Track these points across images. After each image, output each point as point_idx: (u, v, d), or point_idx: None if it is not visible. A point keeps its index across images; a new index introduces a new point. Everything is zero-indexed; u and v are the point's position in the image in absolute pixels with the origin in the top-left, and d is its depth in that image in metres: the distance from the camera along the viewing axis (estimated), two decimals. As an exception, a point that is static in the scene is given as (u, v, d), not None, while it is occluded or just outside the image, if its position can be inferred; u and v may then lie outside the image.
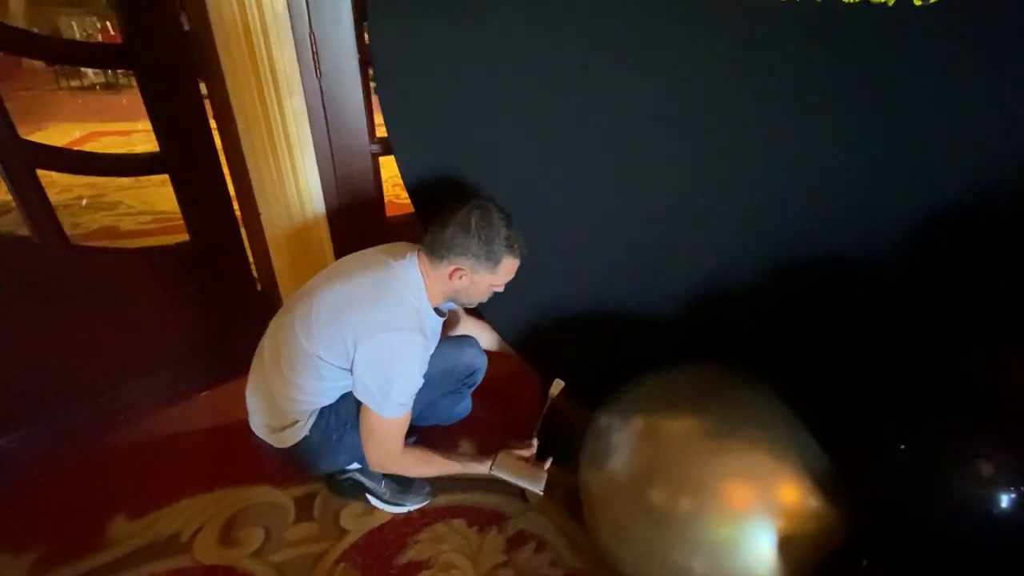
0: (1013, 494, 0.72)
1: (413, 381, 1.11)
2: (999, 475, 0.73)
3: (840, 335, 1.17)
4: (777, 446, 0.93)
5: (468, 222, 1.07)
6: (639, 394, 1.10)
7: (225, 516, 1.29)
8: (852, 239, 1.12)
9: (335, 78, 1.45)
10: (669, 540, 0.92)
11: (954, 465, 0.75)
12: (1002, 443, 0.75)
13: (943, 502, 0.75)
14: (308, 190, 1.50)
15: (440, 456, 1.24)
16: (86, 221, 3.02)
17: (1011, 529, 0.72)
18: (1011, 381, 0.88)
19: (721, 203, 1.14)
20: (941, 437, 0.78)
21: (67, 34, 6.77)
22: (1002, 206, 1.03)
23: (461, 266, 1.10)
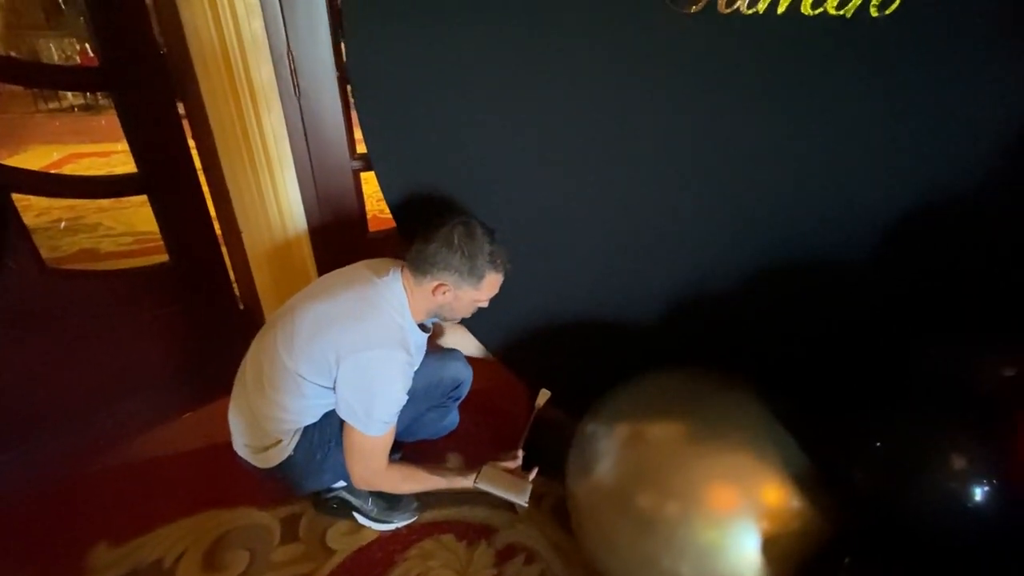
0: (986, 487, 0.74)
1: (396, 399, 1.10)
2: (972, 469, 0.74)
3: (818, 337, 1.20)
4: (759, 448, 0.94)
5: (452, 238, 1.08)
6: (622, 401, 1.11)
7: (209, 539, 1.26)
8: (827, 244, 1.15)
9: (314, 96, 1.46)
10: (656, 546, 0.93)
11: (928, 460, 0.76)
12: (974, 437, 0.76)
13: (919, 497, 0.76)
14: (289, 207, 1.50)
15: (425, 472, 1.23)
16: (65, 244, 2.98)
17: (985, 521, 0.74)
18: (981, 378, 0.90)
19: (700, 211, 1.16)
20: (915, 434, 0.80)
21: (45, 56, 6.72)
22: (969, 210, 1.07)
23: (445, 281, 1.10)
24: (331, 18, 1.41)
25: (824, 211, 1.12)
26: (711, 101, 1.05)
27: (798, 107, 1.03)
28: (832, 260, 1.15)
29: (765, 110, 1.04)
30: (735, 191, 1.13)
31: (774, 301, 1.21)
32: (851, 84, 0.99)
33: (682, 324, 1.27)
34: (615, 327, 1.32)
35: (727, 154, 1.09)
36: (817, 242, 1.15)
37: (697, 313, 1.26)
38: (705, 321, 1.26)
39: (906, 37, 0.93)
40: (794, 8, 0.93)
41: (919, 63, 0.96)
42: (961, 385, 0.88)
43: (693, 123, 1.08)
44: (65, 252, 2.87)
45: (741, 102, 1.04)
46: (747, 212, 1.14)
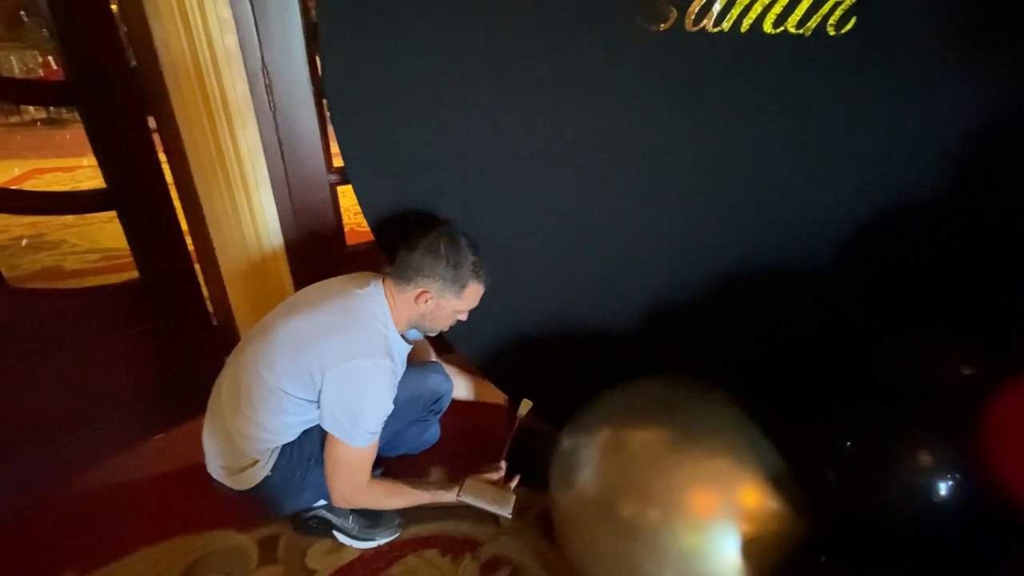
0: (950, 481, 0.77)
1: (383, 408, 1.09)
2: (937, 464, 0.78)
3: (789, 341, 1.23)
4: (737, 452, 0.96)
5: (437, 246, 1.09)
6: (602, 410, 1.12)
7: (183, 565, 1.22)
8: (794, 251, 1.19)
9: (289, 110, 1.45)
10: (639, 552, 0.93)
11: (895, 457, 0.79)
12: (937, 434, 0.80)
13: (887, 493, 0.79)
14: (264, 223, 1.48)
15: (407, 486, 1.22)
16: (26, 262, 2.88)
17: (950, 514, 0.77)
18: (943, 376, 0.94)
19: (672, 222, 1.19)
20: (882, 432, 0.83)
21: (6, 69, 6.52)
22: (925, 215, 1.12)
23: (428, 289, 1.10)
24: (306, 33, 1.42)
25: (789, 220, 1.16)
26: (680, 115, 1.08)
27: (763, 120, 1.07)
28: (799, 267, 1.19)
29: (732, 123, 1.08)
30: (706, 201, 1.16)
31: (747, 308, 1.25)
32: (812, 98, 1.04)
33: (658, 333, 1.30)
34: (594, 337, 1.34)
35: (697, 166, 1.13)
36: (784, 250, 1.19)
37: (672, 321, 1.28)
38: (680, 329, 1.29)
39: (861, 54, 0.99)
40: (757, 27, 0.98)
41: (873, 78, 1.01)
42: (924, 383, 0.92)
43: (664, 136, 1.11)
44: (26, 271, 2.78)
45: (709, 116, 1.08)
46: (718, 222, 1.18)
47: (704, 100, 1.06)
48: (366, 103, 1.15)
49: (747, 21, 0.98)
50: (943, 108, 1.03)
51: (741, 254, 1.21)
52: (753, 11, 0.97)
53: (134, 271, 1.53)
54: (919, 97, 1.02)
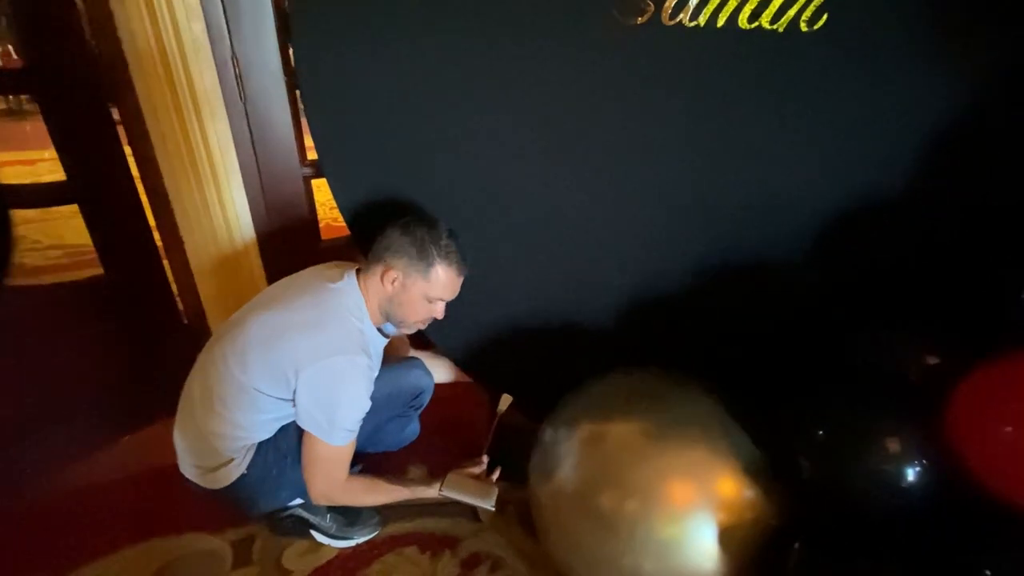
0: (917, 467, 0.79)
1: (360, 406, 1.07)
2: (904, 451, 0.80)
3: (763, 333, 1.25)
4: (713, 443, 0.97)
5: (408, 226, 1.08)
6: (581, 404, 1.12)
7: (153, 569, 1.19)
8: (768, 244, 1.21)
9: (261, 101, 1.41)
10: (619, 544, 0.94)
11: (864, 445, 0.81)
12: (904, 422, 0.82)
13: (857, 480, 0.81)
14: (236, 217, 1.45)
15: (387, 483, 1.20)
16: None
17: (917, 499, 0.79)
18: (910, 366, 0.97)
19: (648, 215, 1.20)
20: (851, 420, 0.85)
21: (-40, 58, 6.21)
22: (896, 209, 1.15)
23: (393, 266, 1.08)
24: (278, 21, 1.38)
25: (765, 214, 1.18)
26: (657, 110, 1.09)
27: (740, 115, 1.08)
28: (774, 260, 1.21)
29: (709, 118, 1.09)
30: (683, 196, 1.17)
31: (723, 301, 1.26)
32: (787, 93, 1.06)
33: (636, 326, 1.31)
34: (573, 331, 1.34)
35: (674, 161, 1.14)
36: (759, 244, 1.21)
37: (650, 315, 1.29)
38: (658, 322, 1.30)
39: (834, 50, 1.00)
40: (732, 22, 0.99)
41: (846, 73, 1.03)
42: (892, 373, 0.94)
43: (640, 131, 1.11)
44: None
45: (686, 111, 1.09)
46: (694, 216, 1.19)
47: (681, 95, 1.07)
48: (340, 94, 1.13)
49: (722, 16, 0.98)
50: (914, 103, 1.05)
51: (717, 248, 1.23)
52: (728, 6, 0.98)
53: (99, 268, 1.47)
54: (891, 92, 1.04)
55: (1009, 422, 0.76)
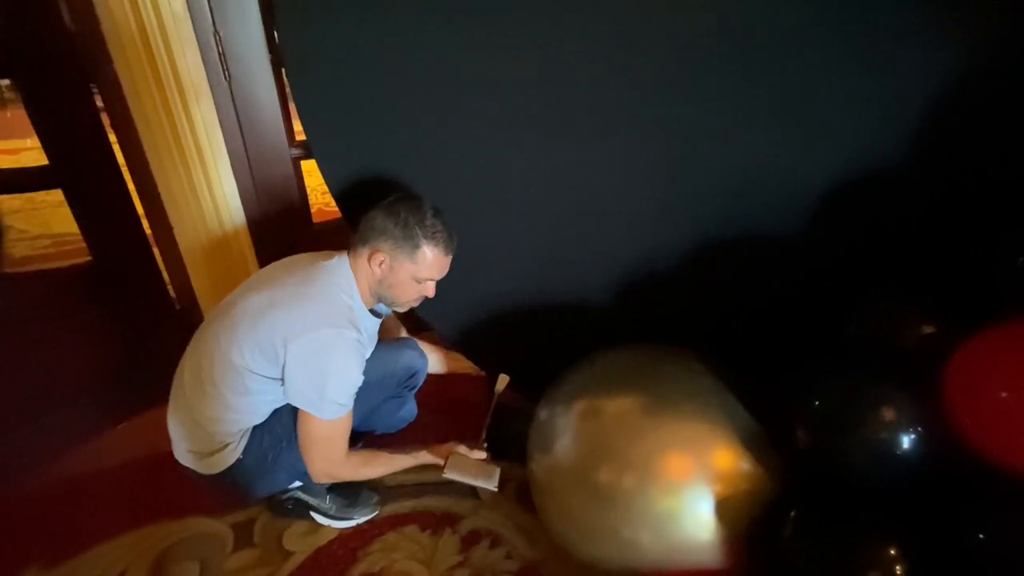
0: (913, 436, 0.79)
1: (350, 378, 1.05)
2: (901, 420, 0.80)
3: (759, 306, 1.25)
4: (709, 416, 0.97)
5: (393, 206, 1.07)
6: (577, 380, 1.12)
7: (153, 553, 1.19)
8: (764, 216, 1.19)
9: (246, 80, 1.38)
10: (616, 517, 0.94)
11: (861, 415, 0.81)
12: (901, 391, 0.82)
13: (854, 449, 0.82)
14: (225, 200, 1.42)
15: (387, 453, 1.21)
16: (-30, 250, 2.71)
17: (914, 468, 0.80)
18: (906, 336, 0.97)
19: (641, 189, 1.19)
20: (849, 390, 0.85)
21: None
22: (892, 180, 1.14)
23: (380, 248, 1.07)
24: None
25: (760, 185, 1.16)
26: (648, 79, 1.07)
27: (733, 83, 1.06)
28: (769, 231, 1.20)
29: (702, 87, 1.07)
30: (676, 169, 1.16)
31: (717, 275, 1.26)
32: (781, 60, 1.03)
33: (631, 302, 1.30)
34: (567, 308, 1.33)
35: (666, 133, 1.12)
36: (754, 215, 1.19)
37: (645, 290, 1.29)
38: (653, 298, 1.29)
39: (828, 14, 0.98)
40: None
41: (841, 39, 1.01)
42: (888, 343, 0.94)
43: (632, 102, 1.09)
44: (-29, 259, 2.62)
45: (677, 79, 1.06)
46: (687, 189, 1.17)
47: (673, 63, 1.05)
48: (327, 71, 1.10)
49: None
50: (910, 69, 1.03)
51: (712, 222, 1.21)
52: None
53: (87, 256, 1.45)
54: (886, 59, 1.02)
55: (1006, 388, 0.76)
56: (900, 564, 0.77)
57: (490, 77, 1.08)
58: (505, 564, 1.18)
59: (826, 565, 0.80)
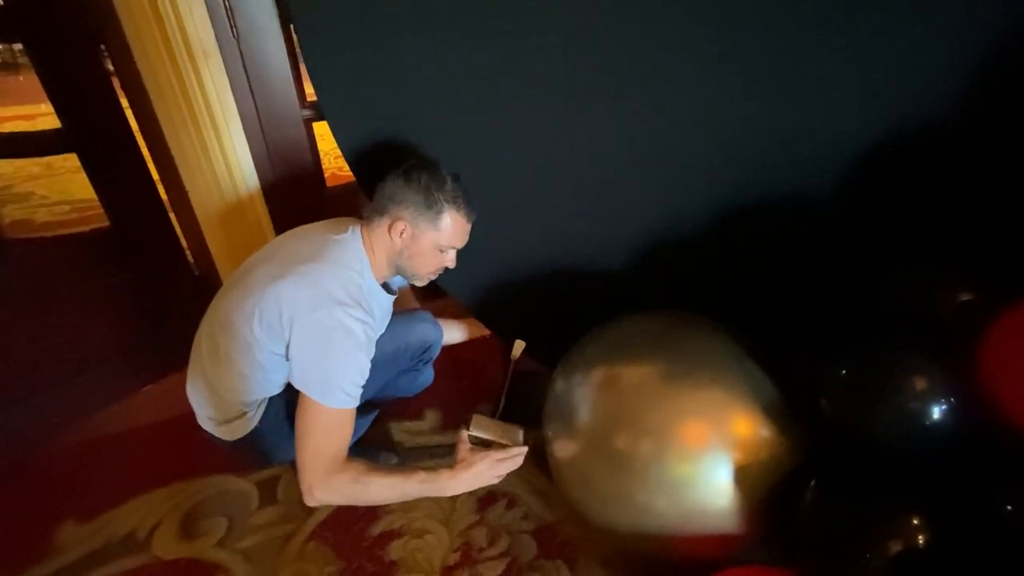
0: (944, 406, 0.77)
1: (357, 365, 0.98)
2: (931, 390, 0.78)
3: (784, 272, 1.21)
4: (729, 383, 0.96)
5: (410, 172, 1.03)
6: (594, 347, 1.11)
7: (183, 509, 1.24)
8: (790, 181, 1.14)
9: (254, 39, 1.34)
10: (632, 483, 0.95)
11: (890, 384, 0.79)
12: (932, 360, 0.79)
13: (882, 419, 0.80)
14: (238, 163, 1.40)
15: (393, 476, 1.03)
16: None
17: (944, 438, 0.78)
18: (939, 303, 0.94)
19: (664, 153, 1.14)
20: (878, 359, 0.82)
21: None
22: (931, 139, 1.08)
23: (401, 216, 1.03)
24: (267, -51, 1.29)
25: (787, 147, 1.11)
26: (673, 39, 1.01)
27: (760, 40, 1.00)
28: (794, 196, 1.15)
29: (728, 46, 1.01)
30: (698, 130, 1.10)
31: (738, 240, 1.22)
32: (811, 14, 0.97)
33: (650, 268, 1.27)
34: (585, 274, 1.31)
35: (688, 93, 1.06)
36: (780, 179, 1.14)
37: (664, 256, 1.26)
38: (673, 263, 1.26)
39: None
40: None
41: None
42: (920, 311, 0.91)
43: (656, 62, 1.04)
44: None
45: (704, 39, 1.00)
46: (711, 151, 1.13)
47: (696, 21, 0.98)
48: (338, 29, 1.06)
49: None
50: (948, 26, 0.96)
51: (736, 185, 1.17)
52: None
53: (105, 221, 1.46)
54: (923, 14, 0.95)
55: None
56: (922, 536, 0.76)
57: (509, 38, 1.03)
58: (521, 524, 1.20)
59: (846, 535, 0.79)
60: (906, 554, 0.75)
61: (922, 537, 0.76)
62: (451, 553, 1.15)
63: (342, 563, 1.13)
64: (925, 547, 0.75)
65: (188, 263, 1.66)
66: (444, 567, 1.12)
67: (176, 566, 1.13)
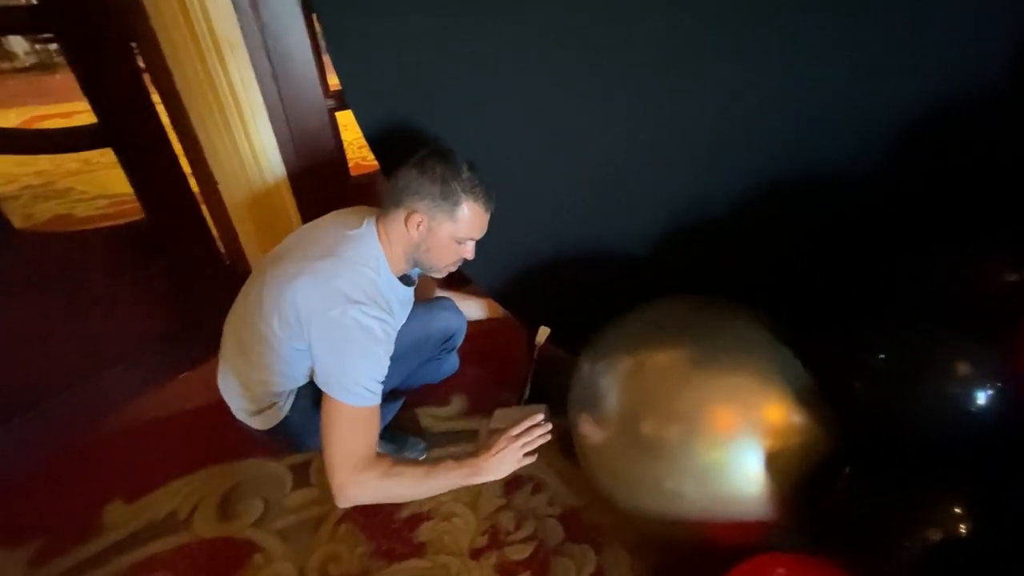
0: (989, 391, 0.74)
1: (376, 359, 0.98)
2: (975, 374, 0.74)
3: (818, 253, 1.18)
4: (760, 368, 0.94)
5: (424, 162, 1.00)
6: (622, 332, 1.10)
7: (221, 491, 1.29)
8: (825, 157, 1.10)
9: (278, 28, 1.35)
10: (660, 469, 0.94)
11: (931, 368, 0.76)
12: (977, 342, 0.76)
13: (922, 405, 0.77)
14: (264, 153, 1.43)
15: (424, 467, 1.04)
16: (37, 212, 2.88)
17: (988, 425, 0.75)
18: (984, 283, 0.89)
19: (692, 134, 1.11)
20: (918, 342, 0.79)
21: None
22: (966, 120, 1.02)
23: (416, 208, 1.00)
24: (288, -61, 1.29)
25: (823, 124, 1.07)
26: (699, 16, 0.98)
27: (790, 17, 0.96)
28: (829, 174, 1.11)
29: (755, 22, 0.97)
30: (729, 106, 1.07)
31: (770, 223, 1.18)
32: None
33: (675, 253, 1.25)
34: (609, 260, 1.30)
35: (719, 66, 1.03)
36: (814, 157, 1.10)
37: (693, 239, 1.23)
38: (699, 249, 1.23)
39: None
40: None
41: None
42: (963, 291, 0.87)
43: (682, 41, 1.01)
44: (39, 220, 2.78)
45: (731, 15, 0.97)
46: (743, 129, 1.09)
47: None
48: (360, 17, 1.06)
49: None
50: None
51: (766, 165, 1.13)
52: None
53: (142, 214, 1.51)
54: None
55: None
56: (962, 525, 0.73)
57: (532, 22, 1.01)
58: (547, 509, 1.21)
59: (882, 524, 0.77)
60: (944, 544, 0.73)
61: (962, 527, 0.73)
62: (479, 536, 1.17)
63: (372, 544, 1.16)
64: (964, 537, 0.73)
65: (219, 253, 1.70)
66: (472, 549, 1.14)
67: (215, 545, 1.17)
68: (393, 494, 1.04)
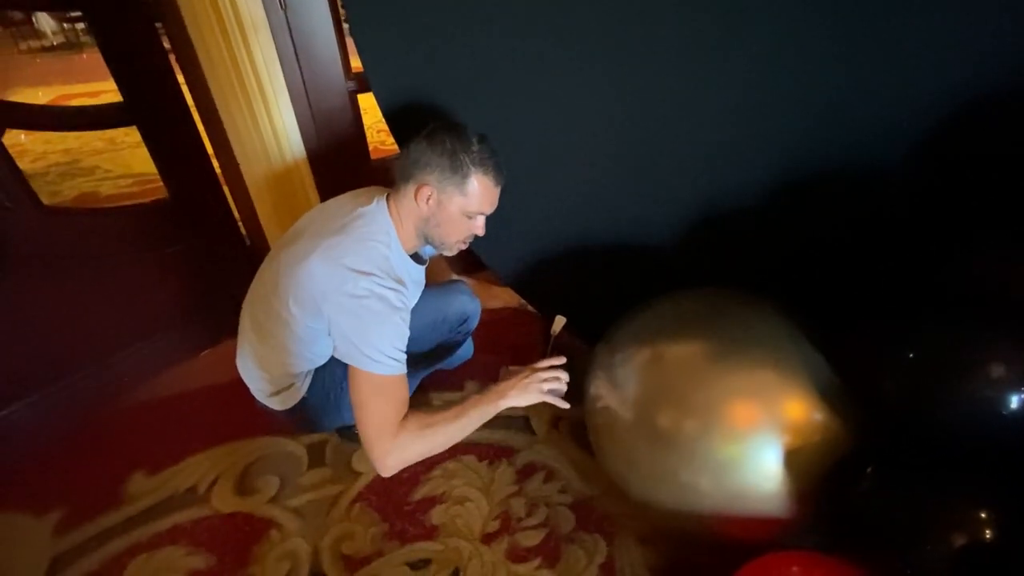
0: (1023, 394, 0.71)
1: (396, 327, 0.98)
2: (1011, 376, 0.72)
3: (842, 248, 1.14)
4: (782, 363, 0.92)
5: (434, 135, 0.99)
6: (640, 322, 1.08)
7: (239, 467, 1.31)
8: (848, 151, 1.06)
9: (301, 8, 1.34)
10: (676, 461, 0.93)
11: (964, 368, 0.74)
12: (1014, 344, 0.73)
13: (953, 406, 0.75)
14: (286, 133, 1.43)
15: (451, 411, 1.04)
16: (64, 189, 2.94)
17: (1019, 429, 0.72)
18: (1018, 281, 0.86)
19: (712, 124, 1.08)
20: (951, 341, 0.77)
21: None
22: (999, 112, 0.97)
23: (426, 182, 0.99)
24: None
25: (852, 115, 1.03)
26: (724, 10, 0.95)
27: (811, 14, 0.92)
28: (856, 163, 1.07)
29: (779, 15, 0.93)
30: (753, 95, 1.04)
31: (793, 213, 1.15)
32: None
33: (696, 243, 1.22)
34: (627, 249, 1.27)
35: (740, 58, 1.00)
36: (839, 145, 1.06)
37: (712, 231, 1.20)
38: (720, 239, 1.21)
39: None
40: None
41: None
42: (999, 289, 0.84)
43: (705, 33, 0.98)
44: (65, 197, 2.84)
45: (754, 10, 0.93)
46: (767, 118, 1.06)
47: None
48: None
49: None
50: None
51: (786, 156, 1.09)
52: None
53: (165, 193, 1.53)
54: None
55: None
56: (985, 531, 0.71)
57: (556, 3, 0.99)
58: (559, 497, 1.21)
59: (904, 526, 0.75)
60: (969, 550, 0.71)
61: (988, 533, 0.71)
62: (491, 521, 1.17)
63: (386, 525, 1.17)
64: (991, 544, 0.71)
65: (240, 233, 1.72)
66: (484, 534, 1.15)
67: (233, 519, 1.20)
68: (433, 446, 1.03)
